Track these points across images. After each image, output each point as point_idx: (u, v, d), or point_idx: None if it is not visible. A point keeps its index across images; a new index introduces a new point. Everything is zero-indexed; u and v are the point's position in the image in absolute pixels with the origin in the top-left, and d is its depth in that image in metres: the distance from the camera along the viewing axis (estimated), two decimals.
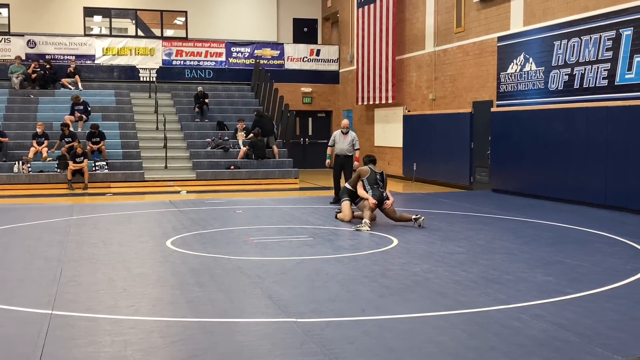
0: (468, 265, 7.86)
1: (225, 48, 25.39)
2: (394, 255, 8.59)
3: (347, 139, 14.17)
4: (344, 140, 14.20)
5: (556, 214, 12.45)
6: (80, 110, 20.74)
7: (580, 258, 8.32)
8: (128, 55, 24.47)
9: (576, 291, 6.60)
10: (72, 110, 20.71)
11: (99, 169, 19.02)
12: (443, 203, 14.54)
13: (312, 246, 9.25)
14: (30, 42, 23.53)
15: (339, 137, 14.28)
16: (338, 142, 14.23)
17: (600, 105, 13.39)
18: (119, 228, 10.86)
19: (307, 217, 12.20)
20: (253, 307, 6.15)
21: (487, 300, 6.28)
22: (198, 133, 21.96)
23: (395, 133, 21.95)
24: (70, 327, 5.51)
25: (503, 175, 16.40)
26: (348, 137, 14.18)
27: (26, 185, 18.14)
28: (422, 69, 20.51)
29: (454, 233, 10.34)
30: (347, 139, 14.17)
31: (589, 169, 13.63)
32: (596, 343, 5.04)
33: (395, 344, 5.04)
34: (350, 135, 14.24)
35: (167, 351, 4.93)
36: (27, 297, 6.45)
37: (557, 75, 14.73)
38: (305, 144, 26.50)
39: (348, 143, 14.15)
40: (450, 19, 18.91)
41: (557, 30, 14.71)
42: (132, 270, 7.75)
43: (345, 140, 14.18)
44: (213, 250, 8.89)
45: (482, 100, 17.44)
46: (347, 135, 14.21)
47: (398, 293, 6.60)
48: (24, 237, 10.16)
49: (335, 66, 26.74)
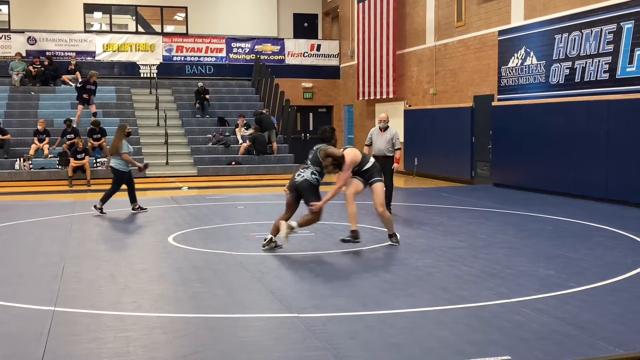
0: (469, 260, 7.87)
1: (225, 44, 25.37)
2: (396, 250, 8.59)
3: (386, 136, 11.94)
4: (382, 138, 11.96)
5: (557, 208, 12.45)
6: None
7: (581, 252, 8.32)
8: (128, 52, 24.45)
9: (578, 285, 6.61)
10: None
11: (101, 166, 19.03)
12: (444, 197, 14.54)
13: (314, 241, 9.26)
14: (31, 39, 23.51)
15: (376, 135, 12.06)
16: (376, 140, 12.01)
17: (602, 99, 13.37)
18: (120, 224, 10.87)
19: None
20: (255, 303, 6.16)
21: (489, 294, 6.28)
22: (199, 129, 21.97)
23: (396, 128, 21.70)
24: (72, 323, 5.52)
25: (504, 170, 16.40)
26: (387, 134, 11.95)
27: (27, 182, 18.17)
28: (422, 63, 20.48)
29: (456, 227, 10.34)
30: (385, 136, 11.95)
31: (590, 162, 13.62)
32: (598, 336, 5.05)
33: (397, 338, 5.05)
34: (390, 132, 11.97)
35: (170, 347, 4.94)
36: (30, 294, 6.47)
37: (558, 69, 14.71)
38: (306, 139, 26.45)
39: (387, 141, 11.92)
40: (450, 13, 18.88)
41: (558, 24, 14.68)
42: (134, 267, 7.76)
43: (383, 138, 11.95)
44: (215, 246, 8.90)
45: (483, 95, 17.42)
46: (386, 131, 11.97)
47: (399, 288, 6.61)
48: (26, 234, 10.18)
49: (335, 61, 26.71)
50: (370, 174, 8.70)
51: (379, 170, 8.91)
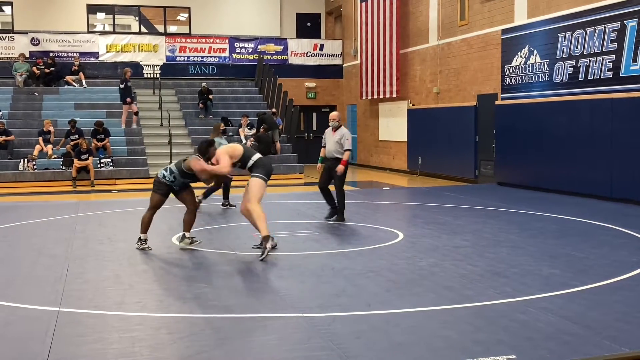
0: (474, 259, 7.86)
1: (228, 44, 25.39)
2: (400, 249, 8.59)
3: (336, 137, 10.81)
4: (332, 139, 10.87)
5: (562, 207, 12.43)
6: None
7: (586, 251, 8.31)
8: (132, 52, 24.49)
9: (583, 284, 6.60)
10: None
11: (104, 166, 19.05)
12: (448, 197, 14.53)
13: (318, 241, 9.26)
14: (34, 40, 23.56)
15: (328, 135, 10.99)
16: (327, 141, 10.97)
17: (605, 97, 13.34)
18: (124, 225, 10.88)
19: (313, 212, 12.20)
20: (260, 303, 6.16)
21: (494, 293, 6.27)
22: (202, 129, 21.93)
23: (400, 127, 21.92)
24: (77, 324, 5.53)
25: (508, 168, 16.38)
26: (337, 134, 10.84)
27: (31, 182, 18.18)
28: (426, 62, 20.46)
29: (460, 227, 10.33)
30: (335, 137, 10.83)
31: (594, 161, 13.60)
32: (603, 335, 5.04)
33: (401, 338, 5.05)
34: (340, 132, 10.82)
35: (175, 347, 4.94)
36: (35, 295, 6.47)
37: (561, 67, 14.68)
38: (310, 139, 26.47)
39: (336, 142, 10.79)
40: (454, 12, 18.86)
41: (561, 22, 14.65)
42: (138, 267, 7.77)
43: (333, 139, 10.84)
44: (219, 246, 8.90)
45: (486, 94, 17.40)
46: (337, 132, 10.86)
47: (404, 287, 6.60)
48: (30, 235, 10.19)
49: (339, 61, 26.71)
50: (253, 168, 8.30)
51: (264, 165, 8.30)
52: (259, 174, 8.24)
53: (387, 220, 11.32)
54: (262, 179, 8.24)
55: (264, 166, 8.30)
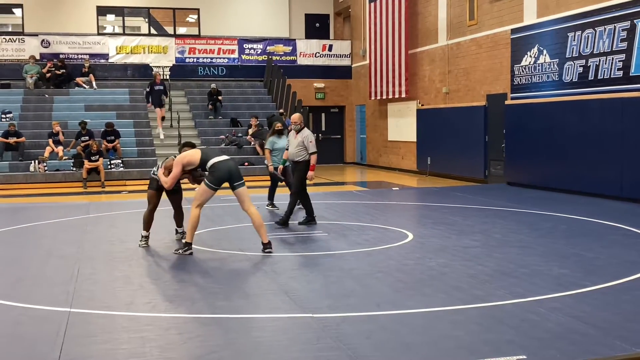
0: (483, 259, 7.85)
1: (237, 45, 25.43)
2: (409, 249, 8.58)
3: (298, 140, 10.58)
4: (294, 141, 10.65)
5: (572, 207, 12.38)
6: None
7: (596, 250, 8.28)
8: (141, 54, 24.56)
9: (593, 284, 6.57)
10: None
11: (115, 167, 19.13)
12: (458, 197, 14.50)
13: (327, 241, 9.26)
14: (44, 42, 23.67)
15: (291, 138, 10.77)
16: (290, 144, 10.76)
17: (615, 97, 13.29)
18: (135, 225, 10.90)
19: (322, 212, 12.20)
20: (269, 303, 6.17)
21: (503, 293, 6.26)
22: (212, 130, 22.02)
23: (409, 127, 21.89)
24: (88, 324, 5.56)
25: (518, 168, 16.33)
26: (299, 136, 10.60)
27: (42, 184, 18.28)
28: (435, 62, 20.43)
29: (469, 227, 10.31)
30: (297, 140, 10.59)
31: (604, 160, 13.54)
32: (614, 335, 5.02)
33: (411, 338, 5.05)
34: (302, 135, 10.56)
35: (185, 348, 4.96)
36: (45, 295, 6.51)
37: (571, 66, 14.63)
38: (319, 139, 26.45)
39: (296, 145, 10.55)
40: (463, 11, 18.83)
41: (571, 22, 14.60)
42: (148, 267, 7.80)
43: (295, 141, 10.61)
44: (228, 246, 8.92)
45: (496, 93, 17.36)
46: (299, 134, 10.61)
47: (413, 288, 6.60)
48: (41, 236, 10.25)
49: (347, 61, 26.71)
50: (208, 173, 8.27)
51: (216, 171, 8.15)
52: (207, 180, 8.24)
53: (396, 220, 11.30)
54: (207, 186, 8.21)
55: (216, 171, 8.16)
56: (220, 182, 8.24)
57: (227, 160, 8.33)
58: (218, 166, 8.20)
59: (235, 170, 8.31)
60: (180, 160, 8.38)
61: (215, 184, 8.20)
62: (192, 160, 8.34)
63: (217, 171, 8.18)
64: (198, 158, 8.31)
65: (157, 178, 8.88)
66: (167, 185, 8.56)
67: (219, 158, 8.31)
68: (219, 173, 8.18)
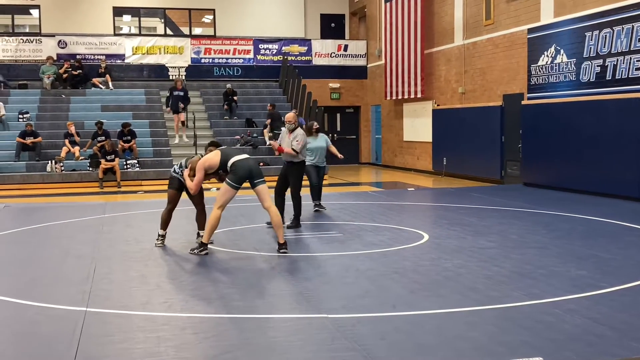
0: (500, 260, 7.81)
1: (253, 45, 25.48)
2: (425, 250, 8.56)
3: (291, 139, 10.27)
4: (286, 142, 10.33)
5: (589, 208, 12.30)
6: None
7: (613, 252, 8.21)
8: (157, 54, 24.68)
9: (610, 285, 6.52)
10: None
11: (131, 168, 19.23)
12: (474, 197, 14.44)
13: (342, 242, 9.25)
14: (61, 43, 23.84)
15: (284, 137, 10.48)
16: (282, 143, 10.43)
17: (633, 97, 13.18)
18: (150, 225, 10.94)
19: (337, 213, 12.19)
20: (284, 303, 6.17)
21: (520, 295, 6.22)
22: (227, 130, 22.07)
23: (425, 127, 21.84)
24: (104, 324, 5.58)
25: (535, 169, 16.24)
26: (292, 136, 10.28)
27: (59, 184, 18.41)
28: (451, 62, 20.37)
29: (485, 227, 10.27)
30: (290, 139, 10.28)
31: (622, 161, 13.44)
32: (630, 337, 4.97)
33: (426, 339, 5.03)
34: (294, 135, 10.26)
35: (200, 347, 4.97)
36: (62, 295, 6.55)
37: (588, 66, 14.53)
38: (334, 139, 26.44)
39: (289, 145, 10.25)
40: (479, 11, 18.76)
41: (588, 21, 14.50)
42: (164, 267, 7.83)
43: (288, 142, 10.30)
44: (243, 247, 8.94)
45: (512, 93, 17.27)
46: (292, 134, 10.28)
47: (429, 289, 6.58)
48: (58, 236, 10.31)
49: (363, 61, 26.68)
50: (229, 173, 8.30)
51: (237, 170, 8.19)
52: (228, 180, 8.25)
53: (411, 221, 11.26)
54: (230, 185, 8.22)
55: (237, 170, 8.21)
56: (241, 181, 8.29)
57: (247, 159, 8.38)
58: (238, 164, 8.26)
59: (256, 168, 8.39)
60: (202, 165, 8.39)
61: (237, 183, 8.25)
62: (212, 164, 8.38)
63: (238, 170, 8.23)
64: (217, 160, 8.34)
65: (178, 177, 8.87)
66: (193, 191, 8.60)
67: (239, 157, 8.36)
68: (240, 172, 8.23)
